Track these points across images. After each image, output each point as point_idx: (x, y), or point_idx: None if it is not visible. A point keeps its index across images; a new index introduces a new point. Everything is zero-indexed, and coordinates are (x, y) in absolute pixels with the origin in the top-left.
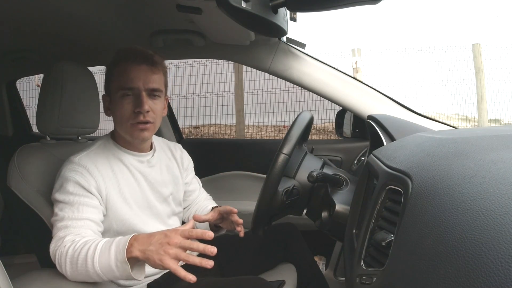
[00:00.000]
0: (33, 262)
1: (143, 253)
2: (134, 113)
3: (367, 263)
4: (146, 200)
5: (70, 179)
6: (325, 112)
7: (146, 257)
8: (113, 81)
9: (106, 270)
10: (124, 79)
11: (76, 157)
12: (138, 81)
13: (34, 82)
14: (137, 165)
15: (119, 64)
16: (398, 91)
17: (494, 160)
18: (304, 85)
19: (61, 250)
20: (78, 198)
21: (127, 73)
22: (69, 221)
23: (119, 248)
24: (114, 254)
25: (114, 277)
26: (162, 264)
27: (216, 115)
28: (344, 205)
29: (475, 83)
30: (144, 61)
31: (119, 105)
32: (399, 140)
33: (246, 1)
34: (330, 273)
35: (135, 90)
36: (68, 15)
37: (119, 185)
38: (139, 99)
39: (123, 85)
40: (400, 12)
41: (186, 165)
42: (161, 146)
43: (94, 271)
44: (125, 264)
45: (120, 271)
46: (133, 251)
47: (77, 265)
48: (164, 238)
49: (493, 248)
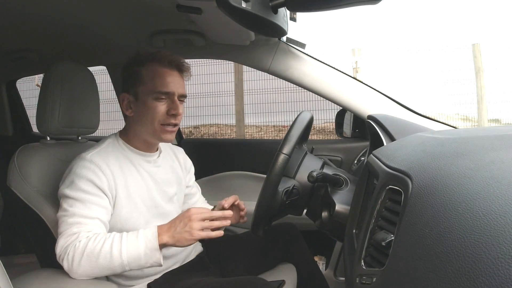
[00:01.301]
0: (33, 262)
1: (172, 237)
2: (167, 116)
3: (367, 263)
4: (153, 199)
5: (83, 176)
6: (325, 112)
7: (176, 239)
8: (144, 83)
9: (133, 259)
10: (160, 83)
11: (88, 154)
12: (173, 87)
13: (34, 82)
14: (145, 164)
15: (151, 65)
16: (398, 91)
17: (494, 160)
18: (304, 85)
19: (75, 245)
20: (90, 196)
21: (163, 77)
22: (81, 218)
23: (148, 237)
24: (143, 243)
25: (139, 265)
26: (194, 238)
27: (216, 115)
28: (344, 205)
29: (475, 83)
30: (177, 68)
31: (151, 107)
32: (399, 140)
33: (246, 1)
34: (330, 273)
35: (171, 96)
36: (68, 15)
37: (127, 184)
38: (175, 103)
39: (159, 89)
40: (400, 12)
41: (189, 168)
42: (165, 148)
43: (120, 261)
44: (156, 251)
45: (148, 258)
46: (163, 239)
47: (98, 258)
48: (185, 219)
49: (493, 248)
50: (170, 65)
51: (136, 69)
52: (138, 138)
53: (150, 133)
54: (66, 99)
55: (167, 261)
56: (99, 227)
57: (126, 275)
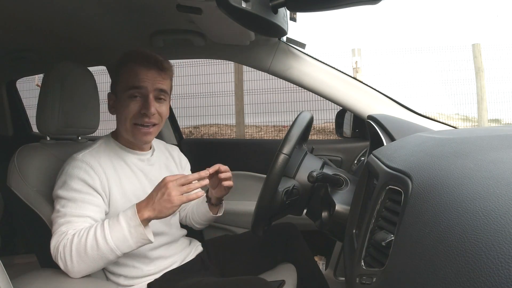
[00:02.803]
0: (33, 262)
1: (153, 210)
2: (140, 114)
3: (367, 263)
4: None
5: (74, 176)
6: (325, 112)
7: (158, 211)
8: (121, 81)
9: (120, 242)
10: (133, 79)
11: (79, 155)
12: (146, 82)
13: (34, 82)
14: (138, 163)
15: (128, 64)
16: (398, 91)
17: (494, 160)
18: (304, 85)
19: (64, 243)
20: (81, 195)
21: (136, 73)
22: (71, 217)
23: (128, 216)
24: (125, 222)
25: (128, 246)
26: (174, 203)
27: (216, 115)
28: (344, 205)
29: (475, 83)
30: (154, 66)
31: (125, 105)
32: (399, 140)
33: (246, 1)
34: (330, 273)
35: (143, 90)
36: (68, 15)
37: (121, 182)
38: (147, 101)
39: (132, 84)
40: (400, 12)
41: (184, 165)
42: (159, 147)
43: (108, 247)
44: (139, 227)
45: (134, 237)
46: (143, 213)
47: (86, 250)
48: (161, 188)
49: (493, 248)
50: (146, 63)
51: (117, 70)
52: (124, 137)
53: (126, 132)
54: (66, 99)
55: (166, 260)
56: (89, 224)
57: (126, 275)
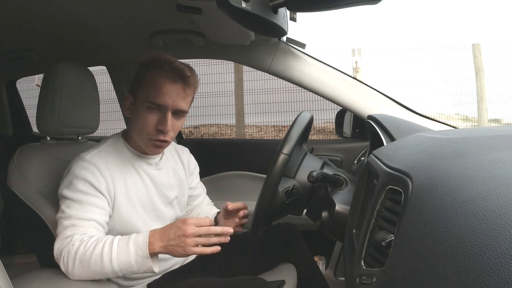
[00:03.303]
0: (33, 262)
1: (165, 248)
2: (155, 130)
3: (367, 263)
4: (152, 202)
5: (81, 177)
6: (325, 112)
7: (168, 251)
8: (143, 89)
9: (125, 267)
10: (155, 93)
11: (87, 155)
12: (168, 99)
13: (34, 82)
14: (146, 167)
15: (154, 72)
16: (398, 91)
17: (494, 160)
18: (304, 85)
19: (68, 249)
20: (87, 197)
21: (159, 87)
22: (76, 220)
23: (139, 244)
24: (134, 250)
25: (132, 272)
26: (187, 253)
27: (216, 115)
28: (344, 205)
29: (475, 83)
30: (180, 80)
31: (142, 116)
32: (399, 140)
33: (246, 1)
34: (330, 273)
35: (163, 109)
36: (68, 15)
37: (126, 186)
38: (165, 118)
39: (152, 99)
40: (400, 12)
41: (192, 170)
42: (169, 149)
43: (111, 268)
44: (147, 259)
45: (139, 265)
46: (155, 248)
47: (89, 263)
48: (179, 230)
49: (493, 248)
50: (173, 75)
51: (142, 72)
52: (135, 141)
53: (139, 141)
54: (66, 99)
55: (167, 262)
56: (95, 229)
57: (126, 275)
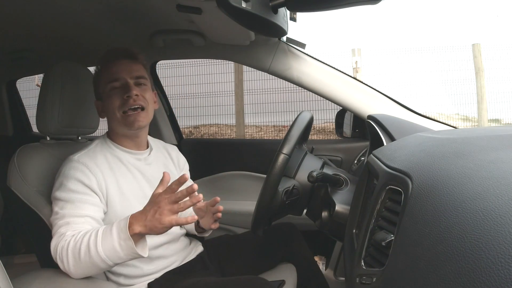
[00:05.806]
0: (33, 262)
1: (145, 226)
2: (123, 100)
3: (367, 263)
4: (146, 196)
5: (71, 177)
6: (325, 112)
7: (149, 228)
8: (100, 82)
9: (110, 253)
10: (108, 74)
11: (75, 156)
12: (122, 72)
13: (34, 82)
14: (135, 162)
15: (100, 68)
16: (398, 91)
17: (494, 160)
18: (304, 85)
19: (62, 244)
20: (79, 195)
21: (110, 68)
22: (70, 218)
23: (120, 227)
24: (116, 234)
25: (119, 258)
26: (164, 225)
27: (216, 115)
28: (344, 205)
29: (475, 83)
30: (123, 56)
31: (108, 99)
32: (399, 140)
33: (246, 1)
34: (330, 273)
35: (122, 80)
36: (68, 15)
37: (118, 182)
38: (127, 86)
39: (108, 79)
40: (400, 12)
41: (182, 165)
42: (157, 146)
43: (98, 256)
44: (129, 241)
45: (125, 250)
46: (135, 228)
47: (80, 256)
48: (154, 205)
49: (493, 248)
50: (115, 56)
51: (95, 78)
52: (119, 135)
53: (119, 124)
54: (66, 99)
55: (167, 260)
56: (89, 224)
57: (126, 274)
